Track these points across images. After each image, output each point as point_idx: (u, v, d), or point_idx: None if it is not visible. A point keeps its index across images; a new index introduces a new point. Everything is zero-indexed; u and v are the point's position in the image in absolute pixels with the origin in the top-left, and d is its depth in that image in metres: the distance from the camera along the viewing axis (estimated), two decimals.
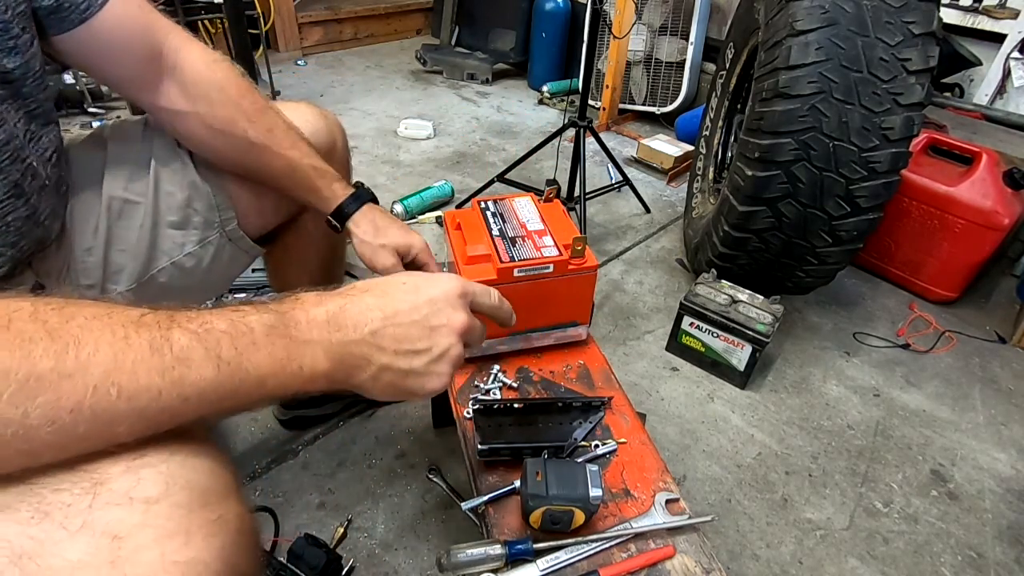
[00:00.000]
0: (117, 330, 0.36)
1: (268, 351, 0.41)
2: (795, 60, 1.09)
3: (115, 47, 0.63)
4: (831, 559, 0.99)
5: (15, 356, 0.32)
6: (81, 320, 0.35)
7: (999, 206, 1.45)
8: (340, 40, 3.30)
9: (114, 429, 0.36)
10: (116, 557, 0.33)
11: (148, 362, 0.36)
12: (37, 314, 0.34)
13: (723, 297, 1.29)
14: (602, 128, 2.55)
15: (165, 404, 0.37)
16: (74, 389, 0.34)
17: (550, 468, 0.63)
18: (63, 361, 0.33)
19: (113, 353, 0.35)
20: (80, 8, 0.59)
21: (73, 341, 0.34)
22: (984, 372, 1.42)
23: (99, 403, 0.34)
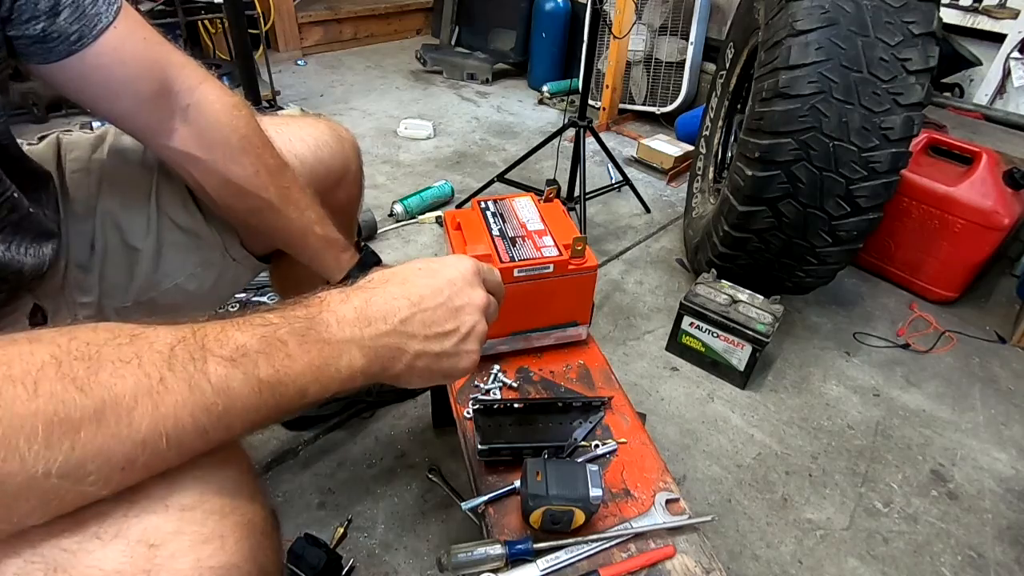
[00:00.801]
0: (152, 373, 0.34)
1: (305, 360, 0.40)
2: (795, 60, 1.09)
3: (113, 82, 0.57)
4: (831, 559, 0.99)
5: (55, 428, 0.30)
6: (110, 368, 0.33)
7: (999, 206, 1.45)
8: (340, 40, 3.30)
9: (164, 467, 0.36)
10: (151, 565, 0.33)
11: (190, 404, 0.35)
12: (62, 369, 0.32)
13: (723, 297, 1.29)
14: (602, 128, 2.55)
15: (212, 439, 0.37)
16: (123, 448, 0.33)
17: (550, 468, 0.63)
18: (105, 424, 0.32)
19: (153, 404, 0.33)
20: (70, 39, 0.52)
21: (109, 397, 0.32)
22: (984, 372, 1.42)
23: (151, 459, 0.34)
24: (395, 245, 1.71)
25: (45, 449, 0.30)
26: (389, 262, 1.59)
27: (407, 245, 1.72)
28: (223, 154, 0.64)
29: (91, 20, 0.53)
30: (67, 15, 0.52)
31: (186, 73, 0.62)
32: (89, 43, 0.53)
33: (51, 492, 0.31)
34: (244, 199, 0.67)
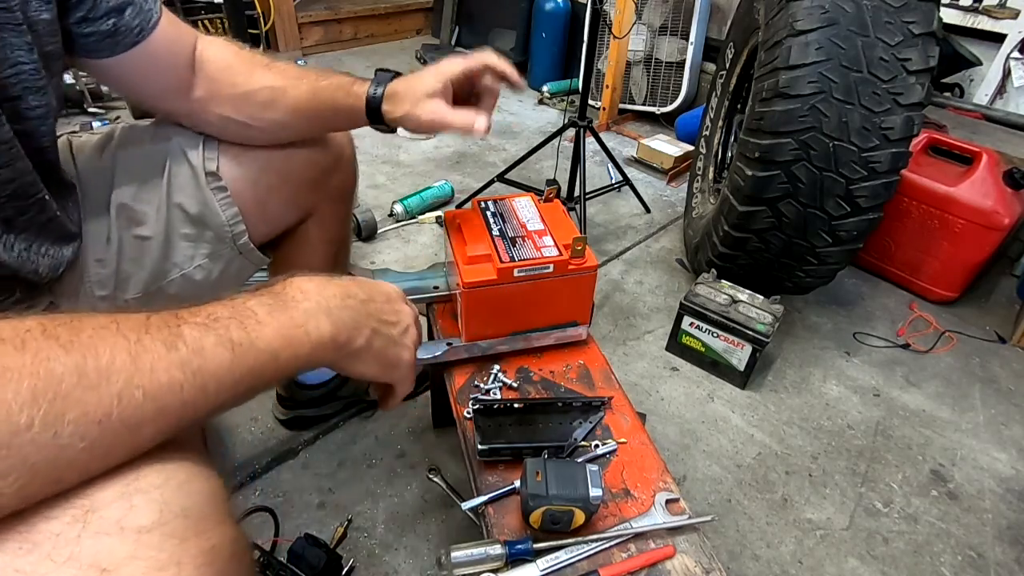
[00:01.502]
0: (129, 335, 0.36)
1: (274, 326, 0.43)
2: (795, 60, 1.09)
3: (161, 65, 0.65)
4: (831, 559, 0.99)
5: (39, 376, 0.32)
6: (90, 331, 0.35)
7: (999, 206, 1.45)
8: (340, 40, 3.30)
9: (141, 434, 0.36)
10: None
11: (166, 359, 0.37)
12: (47, 331, 0.34)
13: (723, 297, 1.29)
14: (602, 128, 2.55)
15: (187, 397, 0.38)
16: (100, 400, 0.34)
17: (550, 468, 0.63)
18: (84, 374, 0.33)
19: (131, 357, 0.35)
20: (133, 32, 0.61)
21: (89, 352, 0.34)
22: (984, 372, 1.42)
23: (126, 409, 0.35)
24: (395, 245, 1.71)
25: (30, 400, 0.31)
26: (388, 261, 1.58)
27: (407, 245, 1.72)
28: (227, 74, 0.71)
29: (147, 15, 0.62)
30: (130, 12, 0.60)
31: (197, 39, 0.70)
32: (147, 34, 0.62)
33: (30, 447, 0.31)
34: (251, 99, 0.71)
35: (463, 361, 0.84)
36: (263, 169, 0.78)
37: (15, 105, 0.53)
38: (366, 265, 1.61)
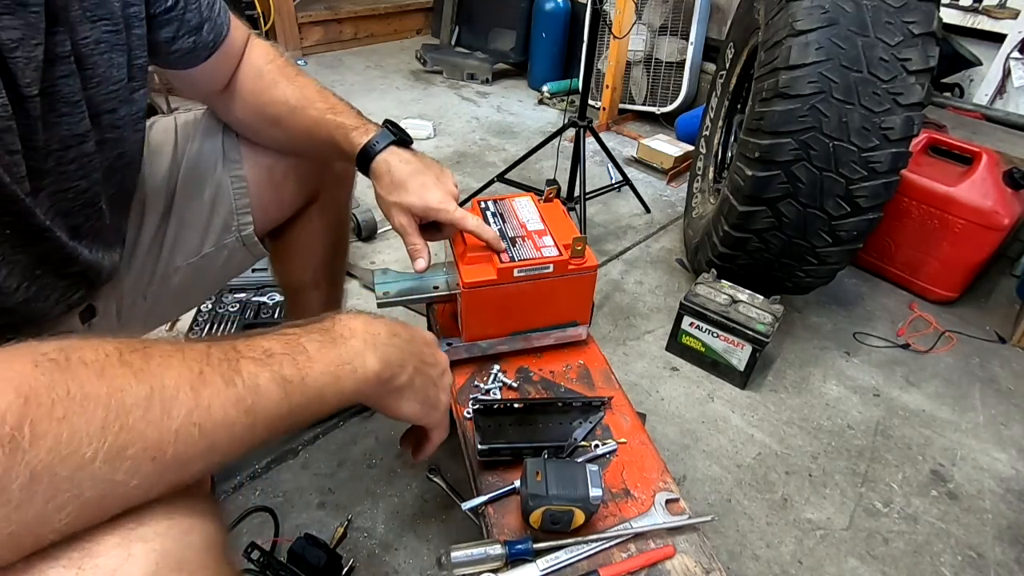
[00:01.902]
0: (192, 366, 0.36)
1: (323, 363, 0.43)
2: (795, 60, 1.09)
3: (219, 69, 0.70)
4: (831, 559, 0.99)
5: (111, 408, 0.32)
6: (158, 359, 0.35)
7: (999, 206, 1.45)
8: (340, 40, 3.30)
9: (188, 471, 0.36)
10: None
11: (223, 395, 0.37)
12: (123, 358, 0.34)
13: (723, 297, 1.29)
14: (602, 128, 2.55)
15: (237, 434, 0.38)
16: (160, 435, 0.33)
17: (550, 468, 0.63)
18: (151, 407, 0.33)
19: (192, 392, 0.35)
20: (209, 46, 0.66)
21: (156, 382, 0.34)
22: (984, 372, 1.42)
23: (180, 446, 0.34)
24: (395, 245, 1.71)
25: (99, 432, 0.31)
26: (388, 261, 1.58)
27: None
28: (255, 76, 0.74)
29: (219, 28, 0.67)
30: (207, 28, 0.65)
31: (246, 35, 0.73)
32: (219, 46, 0.67)
33: (88, 481, 0.31)
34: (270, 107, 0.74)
35: (463, 361, 0.84)
36: (279, 155, 0.80)
37: (110, 117, 0.55)
38: (366, 265, 1.61)
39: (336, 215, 0.95)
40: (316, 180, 0.87)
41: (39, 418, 0.29)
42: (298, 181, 0.84)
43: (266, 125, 0.75)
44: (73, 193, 0.55)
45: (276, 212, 0.85)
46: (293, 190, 0.84)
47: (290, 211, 0.87)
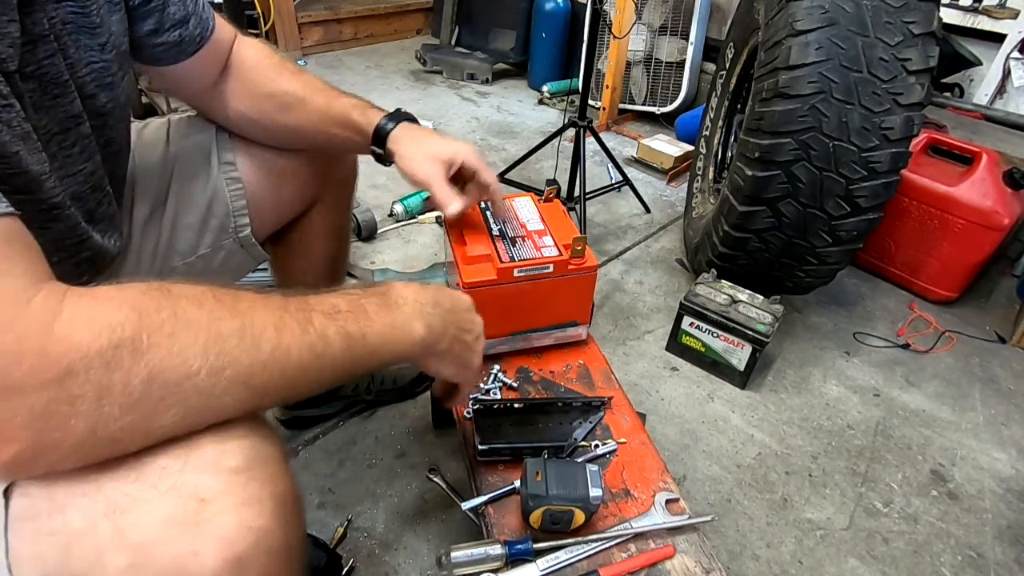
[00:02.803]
0: (274, 312, 0.42)
1: (380, 324, 0.49)
2: (795, 60, 1.09)
3: (208, 65, 0.70)
4: (831, 559, 0.99)
5: (210, 333, 0.38)
6: (247, 302, 0.41)
7: (999, 206, 1.45)
8: (340, 40, 3.30)
9: (266, 399, 0.42)
10: (200, 518, 0.37)
11: (299, 340, 0.43)
12: (216, 296, 0.40)
13: (723, 297, 1.29)
14: (602, 128, 2.55)
15: (308, 376, 0.44)
16: (251, 364, 0.40)
17: (550, 468, 0.63)
18: (244, 338, 0.39)
19: (276, 332, 0.41)
20: (196, 41, 0.66)
21: (247, 320, 0.40)
22: (984, 372, 1.42)
23: (266, 377, 0.41)
24: (395, 245, 1.71)
25: (202, 351, 0.37)
26: (388, 261, 1.58)
27: (407, 245, 1.72)
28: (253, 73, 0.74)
29: (205, 23, 0.67)
30: (193, 22, 0.65)
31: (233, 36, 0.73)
32: (206, 42, 0.67)
33: (194, 392, 0.37)
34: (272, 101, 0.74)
35: None
36: (275, 156, 0.80)
37: (91, 103, 0.55)
38: (366, 265, 1.61)
39: (338, 218, 0.95)
40: (317, 183, 0.86)
41: (152, 330, 0.36)
42: (297, 184, 0.83)
43: (273, 112, 0.75)
44: (82, 176, 0.56)
45: (275, 214, 0.84)
46: (292, 193, 0.84)
47: (290, 214, 0.87)
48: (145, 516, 0.37)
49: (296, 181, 0.83)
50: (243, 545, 0.38)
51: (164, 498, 0.37)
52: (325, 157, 0.85)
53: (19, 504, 0.37)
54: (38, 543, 0.37)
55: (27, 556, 0.37)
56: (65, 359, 0.33)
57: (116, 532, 0.36)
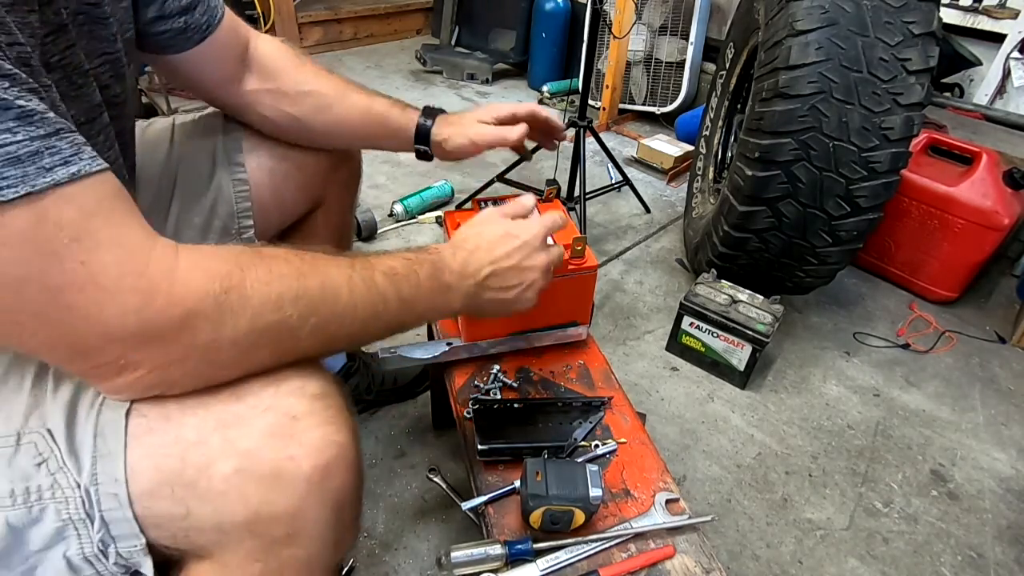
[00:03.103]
0: (344, 270, 0.49)
1: (428, 294, 0.56)
2: (795, 60, 1.09)
3: (221, 56, 0.70)
4: (831, 559, 0.99)
5: (297, 285, 0.45)
6: (323, 261, 0.48)
7: (999, 206, 1.45)
8: (340, 40, 3.30)
9: (334, 346, 0.50)
10: (294, 431, 0.44)
11: (364, 298, 0.50)
12: (298, 254, 0.47)
13: (723, 297, 1.29)
14: (602, 128, 2.55)
15: (368, 330, 0.52)
16: (330, 314, 0.47)
17: (550, 468, 0.63)
18: (324, 292, 0.47)
19: (348, 290, 0.48)
20: (202, 28, 0.66)
21: (325, 277, 0.47)
22: (984, 372, 1.42)
23: (338, 327, 0.48)
24: (395, 245, 1.71)
25: (292, 300, 0.44)
26: None
27: (407, 245, 1.72)
28: (283, 74, 0.75)
29: (213, 11, 0.67)
30: (200, 9, 0.65)
31: (248, 30, 0.74)
32: (214, 30, 0.67)
33: (286, 333, 0.45)
34: (310, 100, 0.76)
35: (463, 361, 0.84)
36: (281, 158, 0.80)
37: (107, 92, 0.55)
38: None
39: (341, 219, 0.94)
40: (322, 186, 0.86)
41: (254, 280, 0.43)
42: (300, 186, 0.83)
43: (313, 111, 0.76)
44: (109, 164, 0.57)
45: (278, 216, 0.84)
46: (295, 194, 0.84)
47: (292, 215, 0.87)
48: (249, 429, 0.44)
49: (301, 183, 0.83)
50: (329, 454, 0.45)
51: (263, 415, 0.44)
52: (330, 160, 0.85)
53: (136, 423, 0.43)
54: (155, 455, 0.43)
55: (145, 467, 0.43)
56: (189, 300, 0.40)
57: (225, 442, 0.43)
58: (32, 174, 0.35)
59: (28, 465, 0.42)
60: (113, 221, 0.39)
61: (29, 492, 0.42)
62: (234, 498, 0.43)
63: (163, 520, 0.44)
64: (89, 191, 0.38)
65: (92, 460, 0.42)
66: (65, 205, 0.37)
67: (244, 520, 0.43)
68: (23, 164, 0.35)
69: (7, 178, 0.34)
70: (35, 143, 0.35)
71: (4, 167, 0.34)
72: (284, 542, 0.45)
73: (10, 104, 0.35)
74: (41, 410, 0.44)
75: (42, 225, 0.35)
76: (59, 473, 0.42)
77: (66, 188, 0.37)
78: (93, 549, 0.43)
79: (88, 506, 0.42)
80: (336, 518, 0.47)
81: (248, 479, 0.43)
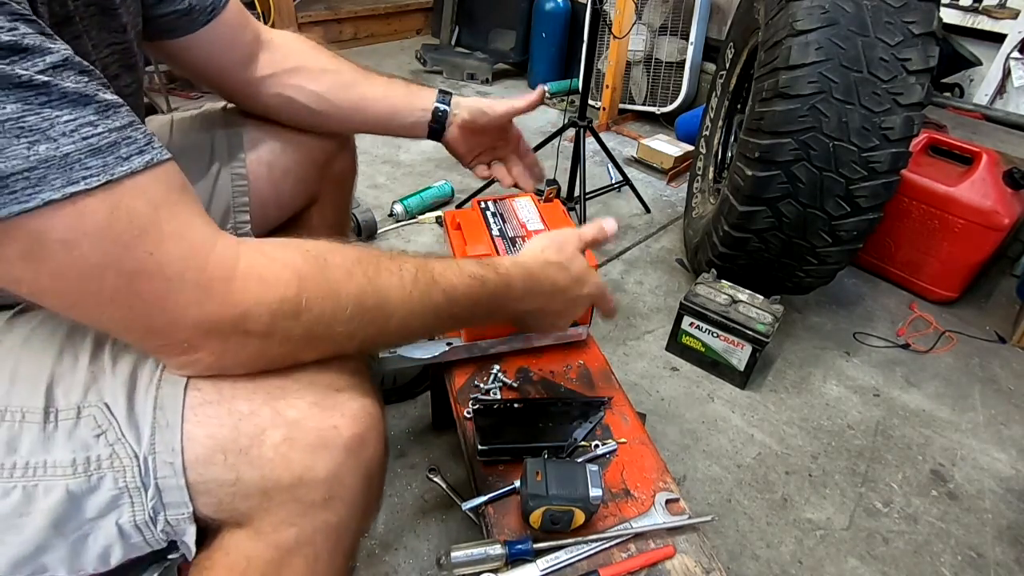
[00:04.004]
0: (406, 285, 0.51)
1: (485, 311, 0.60)
2: (795, 60, 1.09)
3: (227, 40, 0.70)
4: (831, 559, 0.99)
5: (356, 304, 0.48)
6: (385, 274, 0.50)
7: (999, 206, 1.45)
8: (340, 40, 3.30)
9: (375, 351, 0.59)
10: (336, 402, 0.49)
11: (419, 315, 0.53)
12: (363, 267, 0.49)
13: (723, 297, 1.29)
14: (602, 128, 2.55)
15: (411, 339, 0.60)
16: (379, 332, 0.51)
17: (550, 468, 0.63)
18: (378, 313, 0.50)
19: (405, 308, 0.51)
20: (207, 10, 0.66)
21: (383, 297, 0.49)
22: (984, 372, 1.42)
23: (388, 340, 0.54)
24: (395, 245, 1.71)
25: (347, 320, 0.48)
26: None
27: (407, 245, 1.72)
28: (300, 57, 0.76)
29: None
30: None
31: (258, 23, 0.75)
32: (219, 12, 0.67)
33: (334, 343, 0.49)
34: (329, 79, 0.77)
35: (463, 361, 0.84)
36: (279, 152, 0.80)
37: (115, 83, 0.55)
38: None
39: (336, 217, 0.94)
40: (315, 182, 0.86)
41: (311, 295, 0.45)
42: (296, 181, 0.83)
43: (337, 90, 0.77)
44: None
45: (275, 211, 0.84)
46: (291, 190, 0.84)
47: (288, 212, 0.87)
48: (296, 400, 0.47)
49: (295, 177, 0.83)
50: (366, 423, 0.49)
51: (308, 389, 0.48)
52: (325, 154, 0.85)
53: (192, 396, 0.46)
54: (210, 424, 0.46)
55: (200, 435, 0.45)
56: (244, 304, 0.42)
57: (275, 413, 0.46)
58: (111, 163, 0.37)
59: (88, 436, 0.45)
60: (177, 212, 0.41)
61: (89, 462, 0.44)
62: (281, 464, 0.46)
63: (213, 486, 0.46)
64: (159, 181, 0.40)
65: (152, 430, 0.45)
66: (137, 195, 0.39)
67: (289, 484, 0.46)
68: (103, 154, 0.37)
69: (90, 168, 0.36)
70: (113, 134, 0.38)
71: (87, 158, 0.36)
72: (320, 506, 0.48)
73: (91, 98, 0.37)
74: (98, 385, 0.46)
75: (116, 214, 0.37)
76: (118, 444, 0.45)
77: (140, 177, 0.39)
78: (145, 516, 0.46)
79: (144, 474, 0.45)
80: (367, 485, 0.51)
81: (295, 446, 0.46)
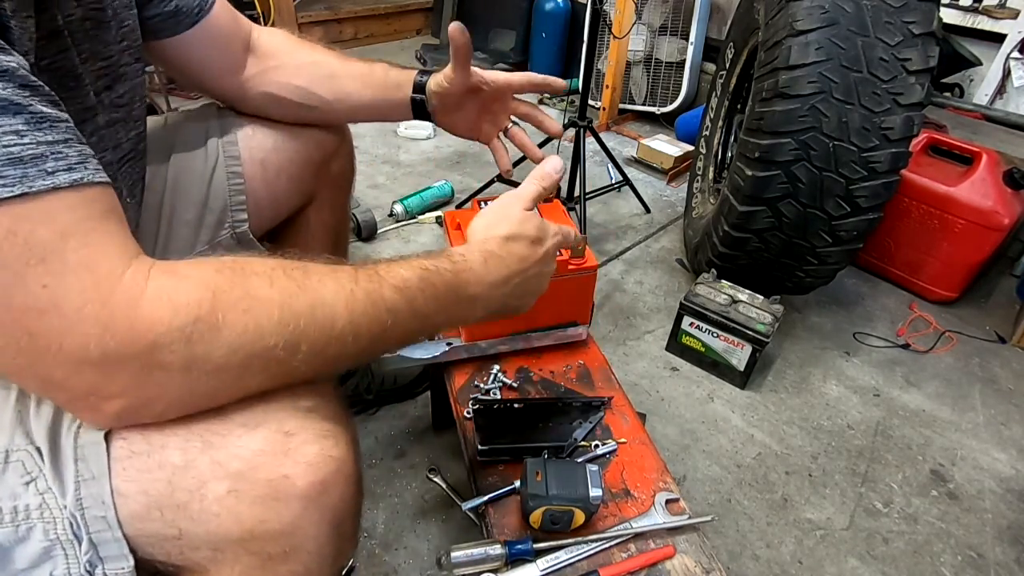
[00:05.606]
0: (345, 285, 0.44)
1: (447, 307, 0.52)
2: (795, 60, 1.09)
3: (216, 42, 0.69)
4: (831, 559, 0.99)
5: (284, 311, 0.41)
6: (317, 277, 0.44)
7: (999, 206, 1.45)
8: (340, 40, 3.29)
9: (336, 367, 0.46)
10: (288, 448, 0.43)
11: (369, 314, 0.45)
12: (287, 272, 0.43)
13: (723, 297, 1.29)
14: (602, 128, 2.55)
15: (376, 347, 0.48)
16: (325, 340, 0.43)
17: (550, 468, 0.63)
18: (315, 316, 0.42)
19: (347, 309, 0.44)
20: (193, 12, 0.65)
21: (318, 298, 0.43)
22: (984, 372, 1.42)
23: (339, 348, 0.44)
24: (395, 245, 1.71)
25: (278, 327, 0.40)
26: None
27: (407, 245, 1.72)
28: (284, 54, 0.76)
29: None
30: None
31: (249, 24, 0.75)
32: (206, 14, 0.67)
33: (274, 362, 0.41)
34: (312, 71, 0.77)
35: (463, 361, 0.84)
36: (273, 150, 0.80)
37: (108, 95, 0.55)
38: None
39: (334, 217, 0.94)
40: (311, 181, 0.86)
41: (228, 308, 0.39)
42: (291, 179, 0.83)
43: (319, 81, 0.77)
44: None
45: (271, 210, 0.84)
46: (287, 188, 0.84)
47: (285, 210, 0.87)
48: (240, 449, 0.42)
49: (289, 176, 0.83)
50: (326, 470, 0.43)
51: (254, 433, 0.42)
52: (322, 153, 0.85)
53: (118, 446, 0.41)
54: (141, 479, 0.41)
55: (132, 490, 0.41)
56: (151, 333, 0.37)
57: (214, 464, 0.41)
58: (32, 175, 0.34)
59: (16, 483, 0.41)
60: (90, 241, 0.37)
61: (17, 511, 0.41)
62: (228, 518, 0.42)
63: (155, 540, 0.43)
64: (82, 204, 0.37)
65: (76, 484, 0.41)
66: (44, 219, 0.35)
67: (239, 538, 0.42)
68: (24, 165, 0.34)
69: (4, 177, 0.33)
70: (41, 147, 0.35)
71: (3, 166, 0.33)
72: (280, 559, 0.44)
73: (24, 108, 0.34)
74: (26, 427, 0.43)
75: (10, 237, 0.34)
76: (47, 494, 0.41)
77: (62, 194, 0.35)
78: (80, 570, 0.42)
79: (76, 528, 0.41)
80: (335, 532, 0.46)
81: (242, 500, 0.42)
